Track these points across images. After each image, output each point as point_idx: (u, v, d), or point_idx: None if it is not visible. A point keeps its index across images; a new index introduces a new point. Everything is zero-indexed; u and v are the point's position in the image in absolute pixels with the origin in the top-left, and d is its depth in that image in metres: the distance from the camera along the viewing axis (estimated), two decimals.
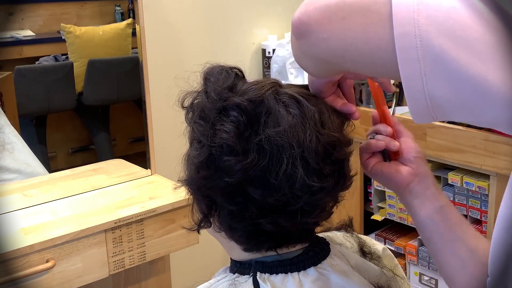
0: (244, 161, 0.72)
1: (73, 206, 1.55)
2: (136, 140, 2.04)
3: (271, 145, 0.72)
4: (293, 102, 0.74)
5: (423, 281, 2.06)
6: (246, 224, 0.76)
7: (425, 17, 0.55)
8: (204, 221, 0.81)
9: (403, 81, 0.58)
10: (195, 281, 0.87)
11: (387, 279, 0.85)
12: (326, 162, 0.74)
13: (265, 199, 0.73)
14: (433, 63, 0.55)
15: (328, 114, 0.76)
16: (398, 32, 0.56)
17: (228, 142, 0.72)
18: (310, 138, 0.72)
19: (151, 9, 1.98)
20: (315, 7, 0.62)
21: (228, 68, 0.79)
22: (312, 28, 0.63)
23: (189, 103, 0.79)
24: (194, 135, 0.78)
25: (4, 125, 1.68)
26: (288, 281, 0.78)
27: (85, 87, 1.94)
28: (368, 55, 0.61)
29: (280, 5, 2.39)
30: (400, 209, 2.06)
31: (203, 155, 0.75)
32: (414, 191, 0.82)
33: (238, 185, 0.73)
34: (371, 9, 0.59)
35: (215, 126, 0.74)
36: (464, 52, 0.54)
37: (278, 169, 0.72)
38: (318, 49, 0.65)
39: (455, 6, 0.55)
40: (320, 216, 0.79)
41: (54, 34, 1.88)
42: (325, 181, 0.74)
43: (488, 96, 0.55)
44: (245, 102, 0.73)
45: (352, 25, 0.60)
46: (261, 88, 0.75)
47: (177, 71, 0.82)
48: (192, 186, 0.79)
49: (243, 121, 0.72)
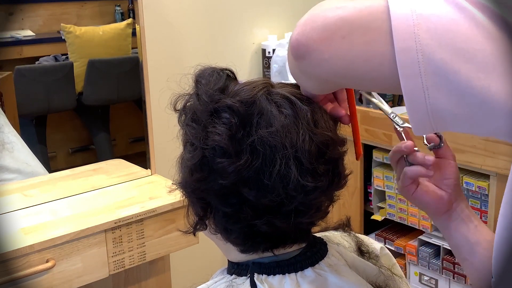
0: (237, 162, 0.71)
1: (73, 206, 1.55)
2: (136, 140, 2.04)
3: (264, 146, 0.72)
4: (286, 102, 0.74)
5: (423, 281, 2.06)
6: (242, 225, 0.76)
7: (425, 31, 0.55)
8: (200, 224, 0.80)
9: (405, 95, 0.58)
10: (195, 281, 0.87)
11: (385, 278, 0.85)
12: (320, 161, 0.74)
13: (259, 200, 0.73)
14: (435, 76, 0.55)
15: (321, 113, 0.76)
16: (399, 48, 0.56)
17: (220, 144, 0.72)
18: (303, 138, 0.72)
19: (151, 9, 1.98)
20: (312, 27, 0.61)
21: (219, 70, 0.78)
22: (312, 49, 0.62)
23: (181, 106, 0.79)
24: (187, 138, 0.78)
25: (3, 125, 1.68)
26: (285, 282, 0.77)
27: (85, 87, 1.94)
28: (371, 72, 0.61)
29: (280, 5, 2.39)
30: (400, 209, 2.06)
31: (196, 157, 0.75)
32: (452, 216, 0.83)
33: (232, 187, 0.73)
34: (371, 27, 0.58)
35: (207, 129, 0.74)
36: (466, 64, 0.54)
37: (272, 169, 0.71)
38: (319, 69, 0.65)
39: (454, 18, 0.55)
40: (315, 216, 0.79)
41: (54, 34, 1.88)
42: (319, 180, 0.73)
43: (491, 107, 0.55)
44: (236, 104, 0.73)
45: (353, 44, 0.60)
46: (253, 89, 0.75)
47: (177, 71, 0.82)
48: (187, 189, 0.79)
49: (235, 123, 0.72)
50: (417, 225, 2.01)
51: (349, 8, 0.60)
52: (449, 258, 1.95)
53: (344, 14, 0.60)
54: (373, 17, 0.59)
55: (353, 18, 0.60)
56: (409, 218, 2.03)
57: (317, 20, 0.61)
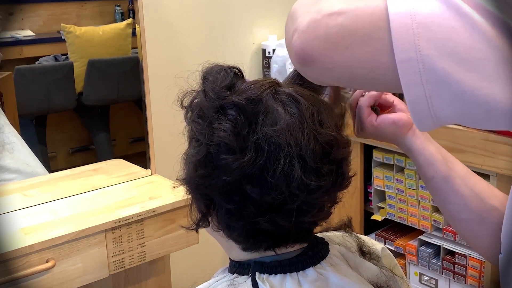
0: (241, 159, 0.72)
1: (73, 206, 1.55)
2: (136, 140, 2.04)
3: (269, 144, 0.72)
4: (292, 101, 0.75)
5: (423, 281, 2.06)
6: (244, 223, 0.76)
7: (426, 40, 0.55)
8: (203, 220, 0.81)
9: (408, 105, 0.58)
10: (195, 281, 0.87)
11: (386, 279, 0.85)
12: (324, 161, 0.74)
13: (262, 197, 0.73)
14: (438, 86, 0.56)
15: (326, 113, 0.77)
16: (400, 58, 0.56)
17: (225, 140, 0.73)
18: (308, 137, 0.73)
19: (151, 9, 1.98)
20: (315, 36, 0.62)
21: (227, 68, 0.79)
22: (315, 59, 0.62)
23: (188, 103, 0.80)
24: (192, 134, 0.78)
25: (3, 125, 1.68)
26: (287, 281, 0.78)
27: (85, 87, 1.94)
28: (374, 81, 0.62)
29: (280, 5, 2.39)
30: (400, 209, 2.06)
31: (201, 153, 0.75)
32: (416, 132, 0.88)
33: (236, 184, 0.73)
34: (374, 37, 0.59)
35: (212, 125, 0.74)
36: (468, 73, 0.54)
37: (276, 167, 0.72)
38: (322, 77, 0.66)
39: (455, 26, 0.55)
40: (318, 216, 0.79)
41: (54, 34, 1.88)
42: (322, 180, 0.74)
43: (496, 114, 0.55)
44: (243, 101, 0.74)
45: (356, 54, 0.60)
46: (260, 87, 0.76)
47: (177, 71, 0.82)
48: (190, 185, 0.79)
49: (240, 120, 0.73)
50: (417, 225, 2.01)
51: (349, 15, 0.60)
52: (449, 258, 1.95)
53: (346, 23, 0.60)
54: (374, 26, 0.59)
55: (355, 27, 0.60)
56: (409, 218, 2.03)
57: (319, 29, 0.61)
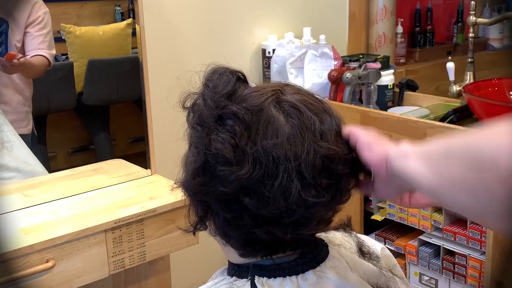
0: (238, 172, 0.70)
1: (73, 206, 1.55)
2: (136, 140, 2.04)
3: (267, 157, 0.71)
4: (294, 110, 0.73)
5: (423, 281, 2.06)
6: (241, 232, 0.75)
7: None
8: (200, 224, 0.80)
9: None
10: (195, 281, 0.87)
11: (386, 279, 0.85)
12: (323, 175, 0.72)
13: (259, 210, 0.72)
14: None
15: (329, 125, 0.74)
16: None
17: (222, 152, 0.71)
18: (307, 150, 0.71)
19: (151, 9, 1.98)
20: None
21: (230, 72, 0.77)
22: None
23: (190, 105, 0.78)
24: (192, 140, 0.77)
25: (3, 123, 1.68)
26: (286, 284, 0.77)
27: (85, 87, 1.94)
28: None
29: (280, 5, 2.39)
30: (400, 209, 2.06)
31: (199, 162, 0.74)
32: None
33: (233, 195, 0.72)
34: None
35: (210, 135, 0.73)
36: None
37: (273, 181, 0.70)
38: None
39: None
40: (316, 228, 0.78)
41: (54, 34, 1.87)
42: (321, 195, 0.72)
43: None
44: (242, 111, 0.72)
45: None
46: (261, 95, 0.74)
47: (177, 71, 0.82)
48: (188, 191, 0.78)
49: (239, 131, 0.71)
50: (417, 225, 2.01)
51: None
52: (449, 258, 1.95)
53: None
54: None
55: None
56: (409, 218, 2.03)
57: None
